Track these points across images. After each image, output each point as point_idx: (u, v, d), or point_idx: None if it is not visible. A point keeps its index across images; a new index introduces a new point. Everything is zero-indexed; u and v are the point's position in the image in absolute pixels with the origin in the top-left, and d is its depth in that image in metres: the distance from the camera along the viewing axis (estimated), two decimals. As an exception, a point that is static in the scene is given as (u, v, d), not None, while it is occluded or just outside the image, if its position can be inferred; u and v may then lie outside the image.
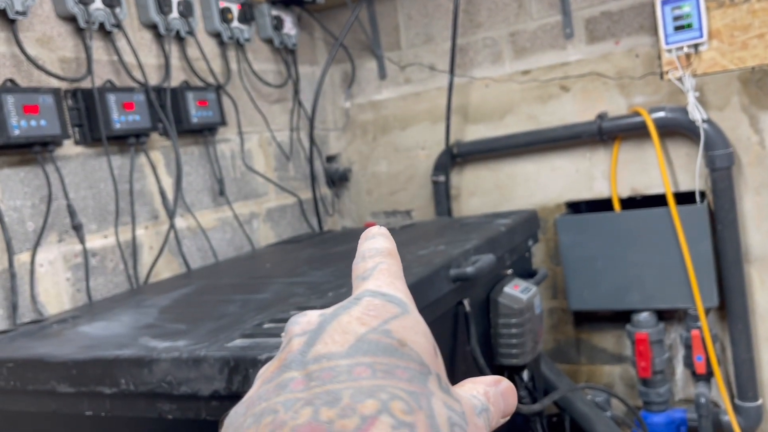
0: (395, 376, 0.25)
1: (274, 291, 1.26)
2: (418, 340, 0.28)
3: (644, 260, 2.13)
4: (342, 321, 0.28)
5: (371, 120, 2.66)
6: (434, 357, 0.28)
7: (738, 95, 2.02)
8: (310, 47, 2.62)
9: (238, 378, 0.89)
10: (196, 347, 0.96)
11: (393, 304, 0.29)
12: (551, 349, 2.45)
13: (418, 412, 0.24)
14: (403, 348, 0.27)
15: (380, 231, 0.35)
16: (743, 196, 2.06)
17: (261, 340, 0.94)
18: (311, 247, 1.88)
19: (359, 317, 0.28)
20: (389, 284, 0.31)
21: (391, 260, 0.33)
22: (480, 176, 2.48)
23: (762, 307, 2.09)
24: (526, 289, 1.66)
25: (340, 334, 0.27)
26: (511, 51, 2.36)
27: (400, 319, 0.28)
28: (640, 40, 2.15)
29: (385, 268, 0.32)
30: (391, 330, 0.27)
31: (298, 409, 0.24)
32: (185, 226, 1.93)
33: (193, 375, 0.93)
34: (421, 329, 0.29)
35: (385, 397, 0.24)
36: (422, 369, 0.27)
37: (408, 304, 0.29)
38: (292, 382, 0.25)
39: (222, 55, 2.12)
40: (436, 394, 0.26)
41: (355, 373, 0.25)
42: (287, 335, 0.29)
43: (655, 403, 2.16)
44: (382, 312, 0.28)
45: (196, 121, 1.91)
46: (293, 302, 1.12)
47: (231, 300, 1.24)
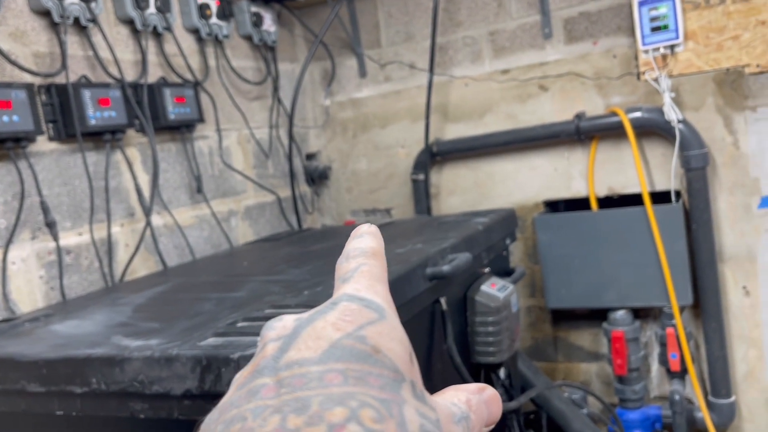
0: (367, 383, 0.25)
1: (250, 289, 1.25)
2: (393, 347, 0.27)
3: (620, 259, 2.15)
4: (317, 326, 0.27)
5: (351, 118, 2.66)
6: (409, 364, 0.28)
7: (713, 96, 2.05)
8: (290, 44, 2.61)
9: (211, 377, 0.89)
10: (168, 346, 0.95)
11: (370, 309, 0.29)
12: (529, 346, 2.47)
13: (388, 420, 0.24)
14: (377, 354, 0.26)
15: (369, 230, 0.35)
16: (717, 196, 2.09)
17: (234, 339, 0.94)
18: (289, 245, 1.87)
19: (334, 323, 0.27)
20: (369, 288, 0.30)
21: (374, 261, 0.32)
22: (459, 175, 2.49)
23: (735, 306, 2.12)
24: (503, 288, 1.67)
25: (314, 339, 0.27)
26: (491, 50, 2.37)
27: (376, 324, 0.28)
28: (618, 40, 2.17)
29: (366, 270, 0.31)
30: (366, 336, 0.27)
31: (266, 416, 0.24)
32: (162, 223, 1.92)
33: (165, 374, 0.92)
34: (397, 336, 0.28)
35: (355, 405, 0.24)
36: (396, 376, 0.26)
37: (386, 310, 0.29)
38: (264, 389, 0.25)
39: (200, 52, 2.11)
40: (408, 401, 0.26)
41: (326, 380, 0.25)
42: (262, 340, 0.29)
43: (630, 400, 2.18)
44: (358, 317, 0.28)
45: (173, 118, 1.90)
46: (268, 301, 1.11)
47: (206, 298, 1.24)
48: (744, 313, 2.11)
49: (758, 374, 2.12)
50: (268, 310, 1.04)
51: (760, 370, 2.11)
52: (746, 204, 2.06)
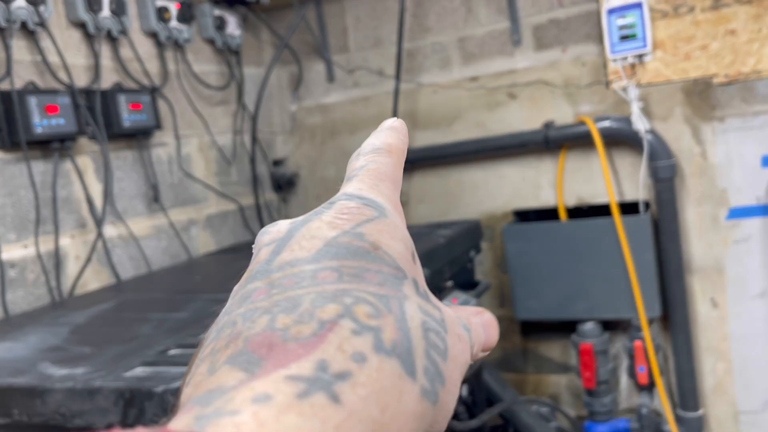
0: (365, 279, 0.23)
1: (195, 309, 1.19)
2: (393, 244, 0.26)
3: (589, 270, 2.12)
4: (311, 226, 0.26)
5: (319, 124, 2.61)
6: (412, 263, 0.26)
7: (681, 106, 2.02)
8: (256, 48, 2.55)
9: (134, 411, 0.83)
10: (93, 376, 0.90)
11: (369, 207, 0.27)
12: (498, 358, 2.43)
13: (386, 316, 0.22)
14: (377, 251, 0.25)
15: (392, 124, 0.32)
16: (686, 206, 2.06)
17: (162, 369, 0.88)
18: (248, 258, 1.81)
19: (330, 221, 0.26)
20: (372, 186, 0.28)
21: (384, 159, 0.30)
22: (428, 183, 2.44)
23: (703, 317, 2.10)
24: (465, 302, 1.62)
25: (308, 239, 0.25)
26: (460, 57, 2.33)
27: (375, 222, 0.26)
28: (587, 48, 2.13)
29: (373, 169, 0.29)
30: (364, 233, 0.25)
31: (255, 318, 0.22)
32: (116, 234, 1.85)
33: (88, 407, 0.87)
34: (399, 234, 0.26)
35: (349, 301, 0.22)
36: (397, 273, 0.24)
37: (386, 208, 0.27)
38: (255, 292, 0.24)
39: (159, 56, 2.04)
40: (410, 297, 0.24)
41: (319, 278, 0.23)
42: (257, 246, 0.27)
43: (599, 413, 2.15)
44: (356, 215, 0.26)
45: (128, 125, 1.83)
46: (208, 323, 1.06)
47: (147, 319, 1.18)
48: (712, 325, 2.09)
49: (726, 387, 2.10)
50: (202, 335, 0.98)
51: (729, 383, 2.09)
52: (714, 215, 2.03)
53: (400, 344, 0.22)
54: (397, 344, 0.22)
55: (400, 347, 0.22)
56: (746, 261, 2.02)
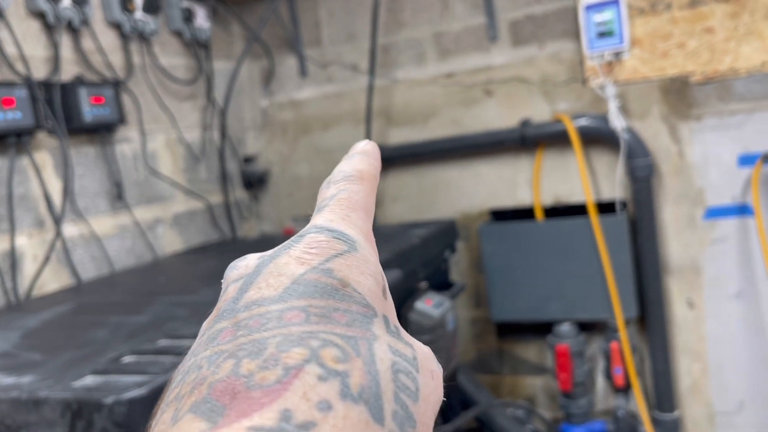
0: (332, 320, 0.23)
1: (154, 313, 1.13)
2: (363, 280, 0.25)
3: (566, 270, 2.09)
4: (279, 262, 0.25)
5: (292, 120, 2.54)
6: (382, 299, 0.25)
7: (658, 104, 2.00)
8: (226, 42, 2.48)
9: (81, 423, 0.77)
10: (40, 386, 0.83)
11: (339, 240, 0.26)
12: (473, 359, 2.39)
13: (354, 359, 0.22)
14: (345, 288, 0.24)
15: (364, 148, 0.32)
16: (663, 206, 2.04)
17: (113, 378, 0.82)
18: (216, 258, 1.75)
19: (299, 257, 0.25)
20: (343, 217, 0.27)
21: (356, 187, 0.29)
22: (403, 181, 2.40)
23: (680, 318, 2.08)
24: (439, 304, 1.58)
25: (275, 276, 0.24)
26: (435, 52, 2.28)
27: (344, 257, 0.25)
28: (564, 45, 2.10)
29: (344, 198, 0.29)
30: (333, 269, 0.24)
31: (220, 363, 0.21)
32: (77, 233, 1.77)
33: (33, 418, 0.80)
34: (369, 269, 0.26)
35: (316, 345, 0.22)
36: (366, 311, 0.24)
37: (357, 241, 0.26)
38: (221, 334, 0.23)
39: (123, 48, 1.96)
40: (380, 337, 0.23)
41: (285, 319, 0.22)
42: (225, 281, 0.26)
43: (575, 415, 2.12)
44: (326, 249, 0.25)
45: (89, 119, 1.76)
46: (168, 329, 1.00)
47: (104, 323, 1.11)
48: (689, 326, 2.07)
49: (703, 388, 2.08)
50: (161, 342, 0.92)
51: (705, 384, 2.08)
52: (691, 215, 2.02)
53: (367, 389, 0.21)
54: (364, 389, 0.21)
55: (368, 392, 0.21)
56: (723, 261, 2.00)
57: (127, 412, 0.74)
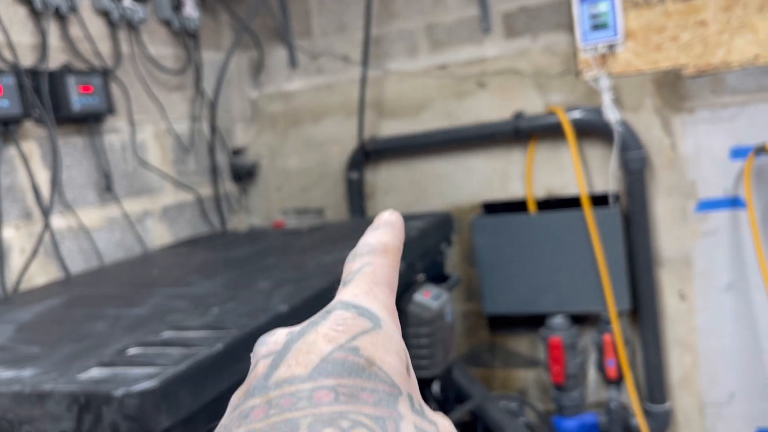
0: (360, 399, 0.23)
1: (153, 305, 1.10)
2: (388, 358, 0.26)
3: (558, 263, 2.09)
4: (308, 339, 0.25)
5: (281, 111, 2.51)
6: (406, 377, 0.26)
7: (651, 97, 2.01)
8: (214, 32, 2.44)
9: (90, 417, 0.74)
10: (43, 379, 0.80)
11: (364, 317, 0.27)
12: (465, 353, 2.39)
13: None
14: (371, 367, 0.25)
15: (388, 219, 0.32)
16: (655, 198, 2.05)
17: (120, 370, 0.79)
18: (208, 250, 1.72)
19: (326, 334, 0.25)
20: (367, 293, 0.28)
21: (381, 260, 0.30)
22: (395, 174, 2.38)
23: (671, 310, 2.09)
24: (437, 296, 1.57)
25: (304, 354, 0.25)
26: (428, 44, 2.27)
27: (370, 334, 0.26)
28: (558, 37, 2.10)
29: (369, 272, 0.29)
30: (359, 347, 0.25)
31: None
32: (66, 225, 1.73)
33: (37, 413, 0.77)
34: (393, 346, 0.26)
35: (346, 425, 0.22)
36: (392, 390, 0.24)
37: (381, 318, 0.27)
38: (253, 411, 0.24)
39: (111, 36, 1.92)
40: (406, 417, 0.24)
41: (315, 398, 0.23)
42: (255, 357, 0.27)
43: (567, 408, 2.13)
44: (352, 327, 0.26)
45: (78, 109, 1.71)
46: (170, 320, 0.97)
47: (101, 315, 1.08)
48: (680, 318, 2.09)
49: (693, 380, 2.10)
50: (166, 333, 0.90)
51: (696, 376, 2.09)
52: (683, 207, 2.03)
53: None
54: None
55: None
56: (714, 254, 2.02)
57: (139, 404, 0.71)
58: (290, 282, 1.15)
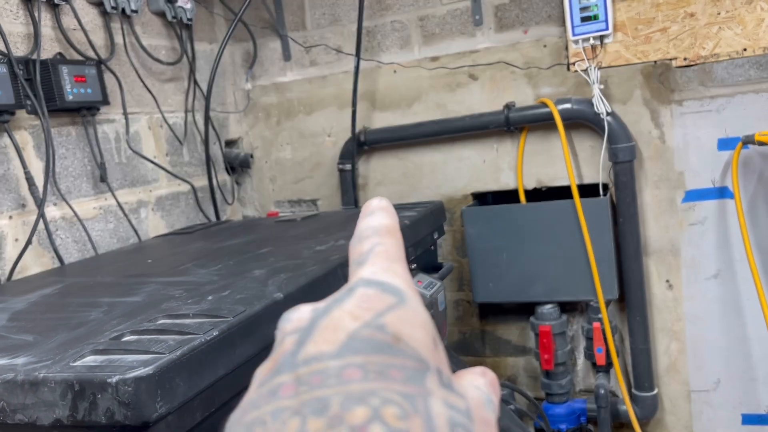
0: (389, 377, 0.23)
1: (148, 293, 1.12)
2: (415, 333, 0.25)
3: (548, 253, 2.12)
4: (334, 316, 0.25)
5: (275, 103, 2.52)
6: (434, 350, 0.26)
7: (640, 89, 2.03)
8: (208, 23, 2.44)
9: (84, 405, 0.76)
10: (36, 366, 0.82)
11: (388, 293, 0.26)
12: (456, 341, 2.42)
13: (413, 417, 0.22)
14: (398, 344, 0.24)
15: (380, 205, 0.32)
16: (644, 189, 2.08)
17: (115, 357, 0.81)
18: (202, 240, 1.73)
19: (351, 311, 0.25)
20: (386, 269, 0.28)
21: (390, 240, 0.30)
22: (388, 165, 2.40)
23: (659, 299, 2.12)
24: (430, 285, 1.59)
25: (331, 331, 0.25)
26: (420, 36, 2.28)
27: (395, 310, 0.26)
28: (548, 30, 2.11)
29: (382, 251, 0.29)
30: (386, 324, 0.25)
31: (285, 419, 0.22)
32: (60, 215, 1.74)
33: (31, 401, 0.79)
34: (419, 320, 0.26)
35: (377, 403, 0.22)
36: (420, 366, 0.24)
37: (405, 293, 0.27)
38: (282, 388, 0.23)
39: (105, 27, 1.92)
40: (435, 393, 0.24)
41: (345, 376, 0.23)
42: (280, 333, 0.27)
43: (557, 395, 2.16)
44: (377, 303, 0.26)
45: (71, 99, 1.72)
46: (165, 308, 0.99)
47: (96, 304, 1.10)
48: (667, 306, 2.12)
49: (680, 367, 2.13)
50: (162, 320, 0.92)
51: (682, 363, 2.13)
52: (671, 198, 2.05)
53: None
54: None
55: None
56: (701, 243, 2.05)
57: (134, 391, 0.73)
58: (285, 270, 1.17)
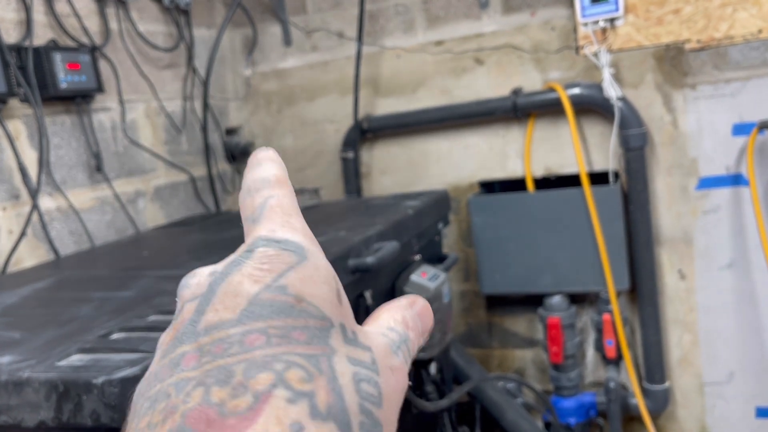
0: (292, 340, 0.23)
1: (141, 287, 1.07)
2: (316, 291, 0.25)
3: (557, 242, 2.06)
4: (233, 281, 0.25)
5: (276, 90, 2.46)
6: (337, 305, 0.26)
7: (652, 73, 1.96)
8: (207, 9, 2.38)
9: (69, 406, 0.72)
10: (21, 366, 0.77)
11: (289, 251, 0.26)
12: (463, 333, 2.37)
13: (317, 378, 0.23)
14: (300, 304, 0.24)
15: (267, 155, 0.31)
16: (656, 176, 2.02)
17: (102, 356, 0.77)
18: (201, 231, 1.69)
19: (251, 274, 0.25)
20: (283, 225, 0.27)
21: (281, 191, 0.29)
22: (391, 153, 2.34)
23: (671, 289, 2.07)
24: (435, 277, 1.54)
25: (231, 297, 0.24)
26: (425, 19, 2.21)
27: (296, 269, 0.25)
28: (557, 12, 2.05)
29: (275, 204, 0.28)
30: (287, 285, 0.25)
31: (189, 391, 0.22)
32: (55, 206, 1.70)
33: (15, 401, 0.75)
34: (321, 276, 0.26)
35: (280, 368, 0.22)
36: (323, 324, 0.24)
37: (305, 248, 0.26)
38: (184, 359, 0.23)
39: (99, 12, 1.87)
40: (339, 350, 0.24)
41: (247, 343, 0.23)
42: (180, 300, 0.26)
43: (565, 388, 2.11)
44: (277, 264, 0.25)
45: (65, 87, 1.67)
46: (157, 304, 0.94)
47: (88, 299, 1.05)
48: (679, 297, 2.06)
49: (692, 359, 2.08)
50: (152, 317, 0.87)
51: (695, 355, 2.08)
52: (684, 185, 1.99)
53: (334, 406, 0.22)
54: (331, 407, 0.22)
55: (335, 408, 0.22)
56: (715, 232, 1.99)
57: (120, 392, 0.69)
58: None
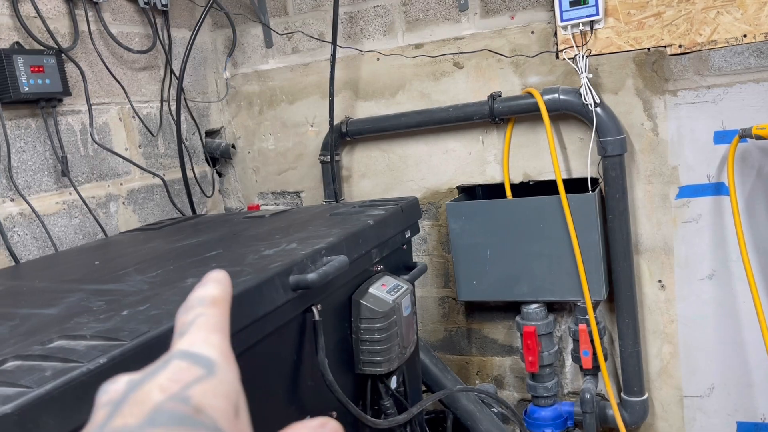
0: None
1: (68, 304, 1.05)
2: (216, 404, 0.27)
3: (534, 250, 2.02)
4: (144, 390, 0.27)
5: (257, 92, 2.44)
6: (233, 419, 0.27)
7: (633, 78, 1.91)
8: (187, 9, 2.36)
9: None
10: None
11: (199, 366, 0.28)
12: (442, 339, 2.34)
13: None
14: (199, 415, 0.26)
15: (215, 276, 0.34)
16: (635, 184, 1.97)
17: (-9, 386, 0.74)
18: (164, 237, 1.66)
19: (161, 384, 0.27)
20: (203, 340, 0.30)
21: (213, 311, 0.32)
22: (372, 157, 2.31)
23: (651, 300, 2.02)
24: (395, 288, 1.51)
25: (138, 404, 0.26)
26: (404, 22, 2.17)
27: (202, 382, 0.27)
28: (537, 15, 2.00)
29: (202, 322, 0.31)
30: (191, 396, 0.26)
31: None
32: (17, 211, 1.68)
33: None
34: (223, 390, 0.28)
35: None
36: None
37: (216, 364, 0.28)
38: None
39: (69, 14, 1.85)
40: None
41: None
42: (96, 405, 0.28)
43: (542, 397, 2.07)
44: (186, 375, 0.27)
45: (27, 90, 1.66)
46: (72, 325, 0.92)
47: (11, 315, 1.03)
48: (659, 307, 2.01)
49: (672, 371, 2.03)
50: (57, 342, 0.84)
51: (675, 367, 2.02)
52: (664, 194, 1.94)
53: None
54: None
55: None
56: (695, 242, 1.93)
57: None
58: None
